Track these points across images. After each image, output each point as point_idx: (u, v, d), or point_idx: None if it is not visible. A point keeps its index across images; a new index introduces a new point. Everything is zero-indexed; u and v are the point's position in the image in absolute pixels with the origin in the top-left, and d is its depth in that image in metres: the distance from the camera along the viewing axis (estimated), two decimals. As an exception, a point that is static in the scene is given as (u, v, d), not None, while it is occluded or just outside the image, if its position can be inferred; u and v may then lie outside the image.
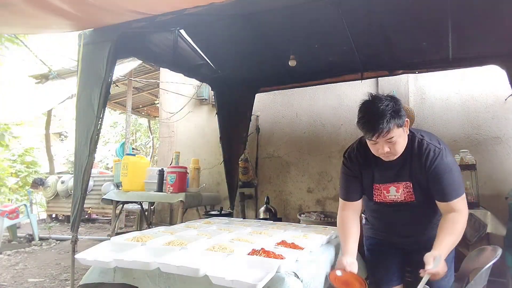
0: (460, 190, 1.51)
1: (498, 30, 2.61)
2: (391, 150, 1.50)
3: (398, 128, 1.46)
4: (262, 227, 2.10)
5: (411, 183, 1.58)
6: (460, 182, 1.52)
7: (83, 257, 1.40)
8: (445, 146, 1.55)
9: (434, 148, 1.52)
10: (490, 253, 1.32)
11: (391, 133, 1.45)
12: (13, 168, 8.82)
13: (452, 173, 1.50)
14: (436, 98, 3.81)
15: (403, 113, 1.50)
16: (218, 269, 1.21)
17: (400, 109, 1.48)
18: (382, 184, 1.65)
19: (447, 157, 1.51)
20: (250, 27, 2.96)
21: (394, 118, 1.44)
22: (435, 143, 1.55)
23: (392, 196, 1.63)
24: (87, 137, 2.42)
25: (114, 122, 12.89)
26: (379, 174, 1.65)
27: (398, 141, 1.49)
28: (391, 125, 1.43)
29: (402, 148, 1.53)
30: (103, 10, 2.21)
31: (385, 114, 1.43)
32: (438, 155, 1.50)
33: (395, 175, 1.61)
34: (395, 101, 1.50)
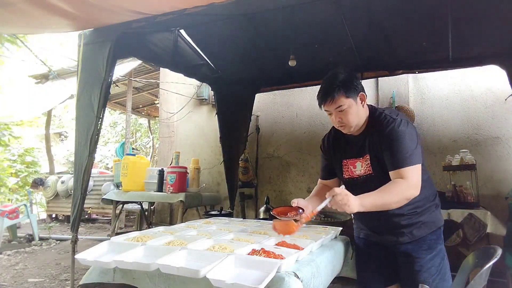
0: (410, 159, 1.49)
1: (498, 30, 2.61)
2: (343, 120, 1.59)
3: (346, 98, 1.55)
4: (262, 227, 2.10)
5: (369, 156, 1.63)
6: (412, 152, 1.50)
7: (83, 257, 1.40)
8: (402, 118, 1.58)
9: (389, 118, 1.58)
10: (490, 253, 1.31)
11: (337, 102, 1.55)
12: (13, 168, 8.82)
13: (402, 141, 1.50)
14: (436, 98, 3.81)
15: (356, 86, 1.58)
16: (218, 269, 1.21)
17: (350, 81, 1.57)
18: (349, 159, 1.72)
19: (401, 126, 1.53)
20: (250, 27, 2.96)
21: (340, 88, 1.54)
22: (393, 115, 1.59)
23: (358, 171, 1.68)
24: (87, 137, 2.42)
25: (114, 122, 12.90)
26: (347, 150, 1.74)
27: (349, 111, 1.56)
28: (335, 94, 1.54)
29: (355, 119, 1.59)
30: (103, 10, 2.21)
31: (333, 84, 1.56)
32: (391, 123, 1.55)
33: (359, 150, 1.67)
34: (349, 74, 1.60)
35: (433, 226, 1.65)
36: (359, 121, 1.62)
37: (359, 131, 1.67)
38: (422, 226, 1.63)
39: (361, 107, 1.61)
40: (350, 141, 1.72)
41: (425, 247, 1.62)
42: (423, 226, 1.63)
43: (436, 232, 1.66)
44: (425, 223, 1.63)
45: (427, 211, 1.64)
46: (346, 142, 1.74)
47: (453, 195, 2.99)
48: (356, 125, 1.62)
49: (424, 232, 1.63)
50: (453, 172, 3.16)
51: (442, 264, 1.63)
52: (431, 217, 1.65)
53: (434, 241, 1.64)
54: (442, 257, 1.64)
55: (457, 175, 3.18)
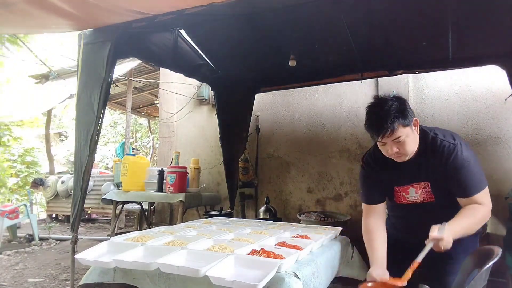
0: (480, 185, 1.46)
1: (498, 30, 2.61)
2: (400, 151, 1.49)
3: (404, 127, 1.45)
4: (262, 227, 2.10)
5: (429, 183, 1.56)
6: (479, 177, 1.47)
7: (83, 257, 1.40)
8: (460, 141, 1.51)
9: (448, 144, 1.50)
10: (490, 253, 1.31)
11: (396, 133, 1.45)
12: (13, 168, 8.82)
13: (470, 168, 1.46)
14: (436, 98, 3.81)
15: (410, 113, 1.49)
16: (218, 269, 1.21)
17: (405, 109, 1.47)
18: (401, 186, 1.64)
19: (463, 152, 1.47)
20: (250, 27, 2.96)
21: (399, 118, 1.44)
22: (449, 139, 1.52)
23: (412, 198, 1.61)
24: (87, 137, 2.42)
25: (114, 122, 12.90)
26: (397, 176, 1.64)
27: (406, 141, 1.47)
28: (395, 125, 1.43)
29: (412, 148, 1.51)
30: (103, 10, 2.21)
31: (389, 114, 1.43)
32: (453, 151, 1.47)
33: (413, 176, 1.59)
34: (400, 101, 1.50)
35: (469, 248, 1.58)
36: (415, 148, 1.54)
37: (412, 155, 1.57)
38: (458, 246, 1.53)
39: (416, 133, 1.54)
40: (401, 166, 1.60)
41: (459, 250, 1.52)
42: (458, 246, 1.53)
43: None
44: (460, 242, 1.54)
45: None
46: (395, 167, 1.61)
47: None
48: (412, 153, 1.54)
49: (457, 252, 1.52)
50: (453, 172, 3.16)
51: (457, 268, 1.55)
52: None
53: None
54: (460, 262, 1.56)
55: (457, 175, 3.18)
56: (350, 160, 4.15)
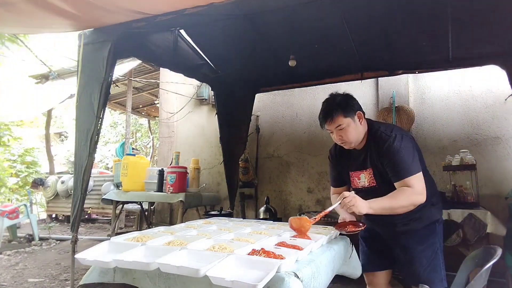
0: (409, 170, 1.65)
1: (498, 30, 2.61)
2: (343, 138, 1.76)
3: (344, 117, 1.72)
4: (262, 227, 2.10)
5: (372, 169, 1.80)
6: (410, 162, 1.66)
7: (83, 257, 1.40)
8: (396, 133, 1.72)
9: (384, 135, 1.73)
10: (490, 253, 1.32)
11: (336, 121, 1.73)
12: (13, 168, 8.82)
13: (400, 154, 1.66)
14: (436, 98, 3.81)
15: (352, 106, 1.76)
16: (218, 269, 1.21)
17: (346, 103, 1.76)
18: (353, 171, 1.90)
19: (395, 142, 1.69)
20: (250, 27, 2.96)
21: (338, 109, 1.73)
22: (388, 132, 1.75)
23: (362, 183, 1.86)
24: (87, 137, 2.42)
25: (114, 122, 12.90)
26: (350, 163, 1.92)
27: (348, 129, 1.73)
28: (334, 114, 1.72)
29: (355, 136, 1.76)
30: (103, 10, 2.21)
31: (332, 106, 1.76)
32: (386, 141, 1.71)
33: (361, 163, 1.84)
34: (345, 96, 1.80)
35: (426, 221, 1.79)
36: (358, 137, 1.78)
37: (360, 145, 1.83)
38: (416, 221, 1.78)
39: (359, 124, 1.77)
40: (353, 155, 1.88)
41: (416, 239, 1.79)
42: (416, 221, 1.78)
43: (429, 226, 1.80)
44: (418, 219, 1.78)
45: (423, 208, 1.74)
46: (350, 155, 1.91)
47: (453, 195, 2.99)
48: (356, 141, 1.79)
49: (416, 226, 1.79)
50: (453, 172, 3.16)
51: (433, 256, 1.76)
52: (425, 213, 1.78)
53: (427, 235, 1.79)
54: (434, 250, 1.78)
55: (457, 175, 3.18)
56: (350, 160, 4.15)
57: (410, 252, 1.80)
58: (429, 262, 1.76)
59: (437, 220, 1.82)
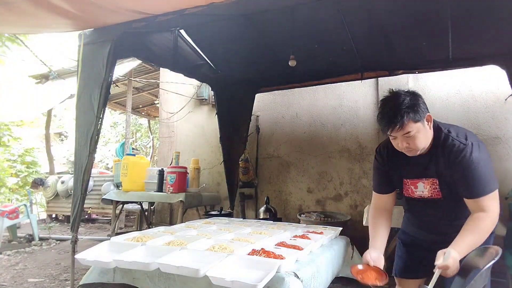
0: (487, 188, 1.45)
1: (498, 30, 2.61)
2: (410, 145, 1.49)
3: (414, 123, 1.45)
4: (262, 227, 2.10)
5: (438, 180, 1.56)
6: (488, 179, 1.46)
7: (83, 257, 1.40)
8: (473, 141, 1.49)
9: (458, 144, 1.48)
10: (490, 253, 1.31)
11: (406, 128, 1.44)
12: (13, 168, 8.82)
13: (478, 169, 1.44)
14: (436, 98, 3.81)
15: (422, 108, 1.48)
16: (218, 269, 1.21)
17: (416, 104, 1.47)
18: (410, 179, 1.65)
19: (473, 153, 1.45)
20: (250, 27, 2.96)
21: (409, 113, 1.43)
22: (461, 138, 1.50)
23: (420, 192, 1.62)
24: (87, 137, 2.42)
25: (114, 122, 12.90)
26: (408, 169, 1.65)
27: (417, 136, 1.47)
28: (405, 119, 1.42)
29: (423, 143, 1.51)
30: (104, 10, 2.21)
31: (400, 109, 1.43)
32: (462, 151, 1.46)
33: (423, 171, 1.59)
34: (413, 96, 1.50)
35: None
36: (427, 144, 1.53)
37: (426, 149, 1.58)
38: None
39: (428, 129, 1.52)
40: (412, 160, 1.60)
41: None
42: None
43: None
44: None
45: None
46: (406, 160, 1.62)
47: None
48: (424, 148, 1.54)
49: None
50: (453, 172, 3.16)
51: None
52: None
53: None
54: None
55: (457, 175, 3.18)
56: (350, 160, 4.15)
57: None
58: None
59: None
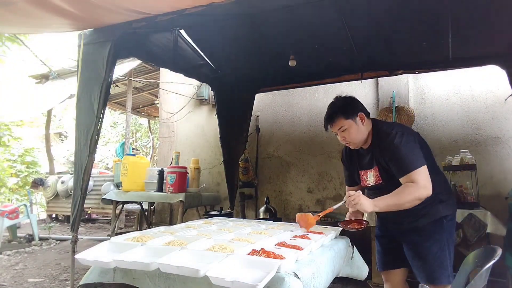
0: (412, 164, 1.67)
1: (498, 30, 2.61)
2: (346, 138, 1.83)
3: (345, 120, 1.80)
4: (262, 227, 2.10)
5: (377, 167, 1.84)
6: (411, 157, 1.68)
7: (83, 257, 1.40)
8: (397, 131, 1.75)
9: (385, 133, 1.78)
10: (490, 253, 1.31)
11: (338, 124, 1.81)
12: (13, 168, 8.82)
13: (401, 150, 1.69)
14: (436, 98, 3.81)
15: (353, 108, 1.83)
16: (218, 269, 1.21)
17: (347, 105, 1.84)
18: (362, 170, 1.95)
19: (396, 139, 1.72)
20: (250, 27, 2.96)
21: (338, 112, 1.81)
22: (389, 129, 1.79)
23: (369, 181, 1.90)
24: (87, 137, 2.42)
25: (114, 122, 12.90)
26: (359, 162, 1.97)
27: (350, 131, 1.81)
28: (335, 117, 1.81)
29: (358, 137, 1.82)
30: (104, 10, 2.21)
31: (332, 110, 1.85)
32: (388, 138, 1.74)
33: (368, 162, 1.89)
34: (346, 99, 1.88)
35: (432, 217, 1.79)
36: (361, 137, 1.83)
37: (367, 145, 1.88)
38: (422, 217, 1.80)
39: (361, 125, 1.82)
40: (361, 154, 1.95)
41: (422, 235, 1.81)
42: (422, 217, 1.80)
43: (436, 222, 1.80)
44: (425, 215, 1.79)
45: (430, 205, 1.76)
46: (358, 155, 1.97)
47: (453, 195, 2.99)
48: (360, 141, 1.85)
49: (422, 222, 1.80)
50: (453, 172, 3.16)
51: (440, 253, 1.77)
52: (432, 210, 1.79)
53: (433, 231, 1.80)
54: (440, 247, 1.77)
55: (457, 175, 3.18)
56: (350, 160, 4.15)
57: (417, 248, 1.83)
58: (436, 258, 1.77)
59: (445, 217, 1.80)
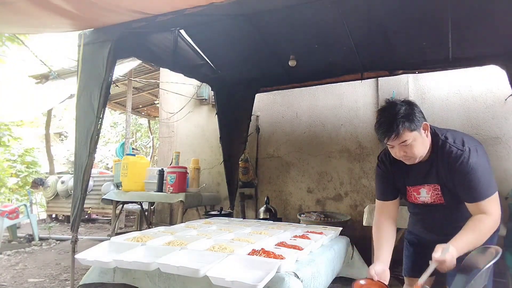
0: (486, 192, 1.47)
1: (498, 30, 2.61)
2: (408, 154, 1.52)
3: (410, 132, 1.48)
4: (262, 227, 2.10)
5: (439, 186, 1.59)
6: (487, 183, 1.48)
7: (83, 257, 1.40)
8: (470, 147, 1.50)
9: (456, 150, 1.51)
10: (490, 253, 1.31)
11: (402, 137, 1.48)
12: (13, 168, 8.82)
13: (476, 174, 1.46)
14: (436, 98, 3.81)
15: (418, 117, 1.51)
16: (218, 269, 1.21)
17: (412, 113, 1.51)
18: (412, 186, 1.68)
19: (471, 159, 1.47)
20: (250, 27, 2.96)
21: (404, 122, 1.47)
22: (458, 144, 1.52)
23: (423, 198, 1.65)
24: (87, 137, 2.42)
25: (114, 122, 12.90)
26: (409, 176, 1.68)
27: (414, 144, 1.50)
28: (400, 129, 1.46)
29: (421, 151, 1.53)
30: (104, 10, 2.21)
31: (395, 118, 1.47)
32: (460, 157, 1.48)
33: (424, 178, 1.62)
34: (409, 105, 1.54)
35: None
36: (424, 151, 1.56)
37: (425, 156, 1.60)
38: None
39: (425, 137, 1.55)
40: (413, 167, 1.63)
41: None
42: None
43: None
44: None
45: None
46: (408, 167, 1.65)
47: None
48: (422, 156, 1.57)
49: None
50: (453, 172, 3.16)
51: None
52: None
53: None
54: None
55: (457, 175, 3.18)
56: (350, 160, 4.16)
57: None
58: None
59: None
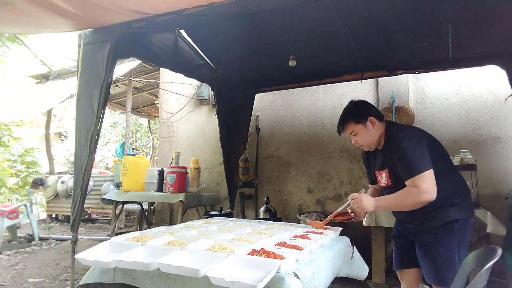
0: (416, 169, 1.70)
1: (498, 30, 2.61)
2: (359, 142, 1.93)
3: (356, 124, 1.88)
4: (262, 227, 2.10)
5: (387, 169, 1.89)
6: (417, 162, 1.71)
7: (83, 257, 1.40)
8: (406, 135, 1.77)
9: (395, 137, 1.82)
10: (490, 253, 1.31)
11: (349, 128, 1.91)
12: (13, 168, 8.82)
13: (406, 154, 1.73)
14: (436, 98, 3.81)
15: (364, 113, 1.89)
16: (218, 269, 1.21)
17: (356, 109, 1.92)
18: (377, 171, 2.00)
19: (402, 143, 1.75)
20: (250, 27, 2.95)
21: (350, 117, 1.91)
22: (399, 133, 1.82)
23: (384, 182, 1.95)
24: (87, 137, 2.42)
25: (114, 122, 12.91)
26: (375, 163, 2.03)
27: (361, 134, 1.89)
28: (345, 122, 1.91)
29: (368, 140, 1.89)
30: (104, 10, 2.21)
31: (343, 115, 1.94)
32: (395, 143, 1.79)
33: (381, 163, 1.94)
34: (356, 104, 1.97)
35: (441, 220, 1.80)
36: (372, 141, 1.90)
37: (381, 146, 1.93)
38: (430, 221, 1.83)
39: (372, 128, 1.88)
40: (376, 155, 2.01)
41: (432, 237, 1.82)
42: (431, 221, 1.83)
43: (446, 226, 1.79)
44: (433, 218, 1.81)
45: (439, 208, 1.79)
46: (374, 156, 2.03)
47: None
48: (371, 144, 1.92)
49: (430, 225, 1.82)
50: (453, 172, 3.16)
51: (448, 256, 1.76)
52: (441, 213, 1.80)
53: (443, 233, 1.80)
54: (450, 249, 1.77)
55: (457, 175, 3.18)
56: (350, 160, 4.16)
57: (426, 249, 1.85)
58: (444, 260, 1.77)
59: (457, 220, 1.79)
